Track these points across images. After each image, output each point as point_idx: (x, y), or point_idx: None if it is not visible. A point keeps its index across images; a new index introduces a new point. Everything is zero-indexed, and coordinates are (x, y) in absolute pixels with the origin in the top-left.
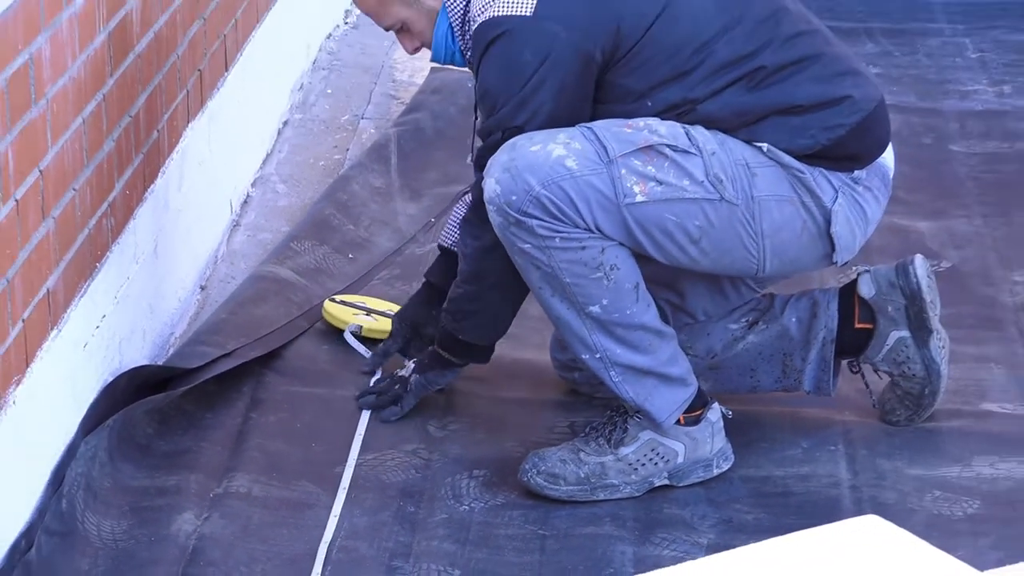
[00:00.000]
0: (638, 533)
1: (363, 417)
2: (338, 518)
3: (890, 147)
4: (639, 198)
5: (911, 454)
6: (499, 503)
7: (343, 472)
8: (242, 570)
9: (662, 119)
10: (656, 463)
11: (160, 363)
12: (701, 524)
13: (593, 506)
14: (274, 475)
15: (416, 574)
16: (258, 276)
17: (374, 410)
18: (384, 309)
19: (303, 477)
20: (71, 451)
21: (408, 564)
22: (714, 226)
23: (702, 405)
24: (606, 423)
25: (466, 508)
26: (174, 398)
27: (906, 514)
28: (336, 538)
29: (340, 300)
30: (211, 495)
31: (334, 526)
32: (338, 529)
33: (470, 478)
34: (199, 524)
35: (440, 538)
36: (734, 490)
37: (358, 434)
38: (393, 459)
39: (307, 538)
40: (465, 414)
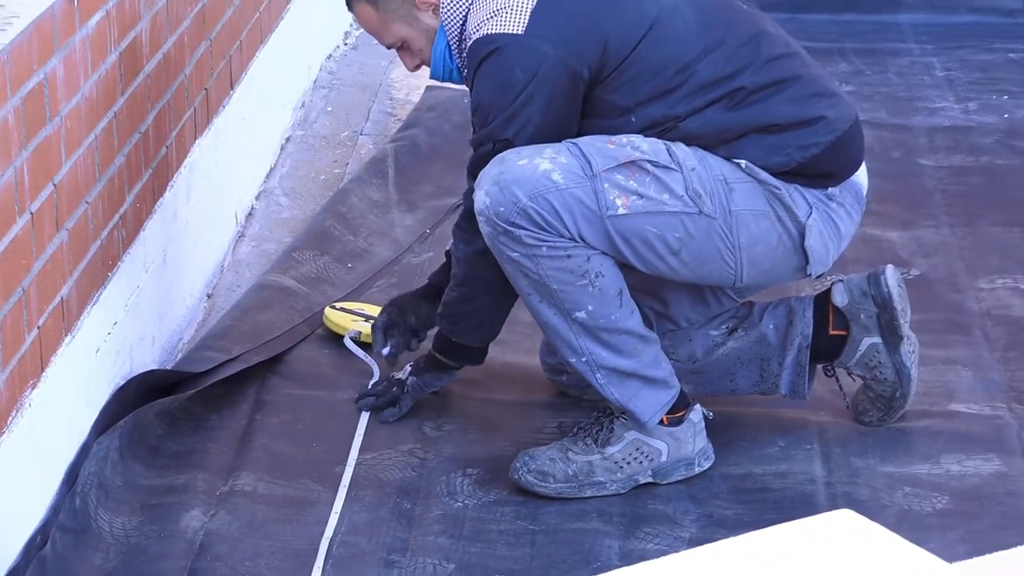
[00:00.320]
0: (624, 528)
1: (362, 418)
2: (338, 514)
3: (864, 165)
4: (621, 211)
5: (883, 452)
6: (491, 500)
7: (343, 471)
8: (247, 564)
9: (645, 135)
10: (641, 461)
11: (169, 368)
12: (684, 519)
13: (581, 502)
14: (277, 474)
15: (413, 568)
16: (262, 285)
17: (373, 412)
18: None
19: (305, 476)
20: (84, 451)
21: (405, 558)
22: (693, 238)
23: (684, 407)
24: (593, 423)
25: (460, 505)
26: (182, 401)
27: (878, 509)
28: (337, 533)
29: (340, 307)
30: (218, 493)
31: (335, 522)
32: (338, 525)
33: (464, 476)
34: (206, 520)
35: (435, 533)
36: (715, 487)
37: (357, 435)
38: (390, 458)
39: (309, 533)
40: (459, 415)
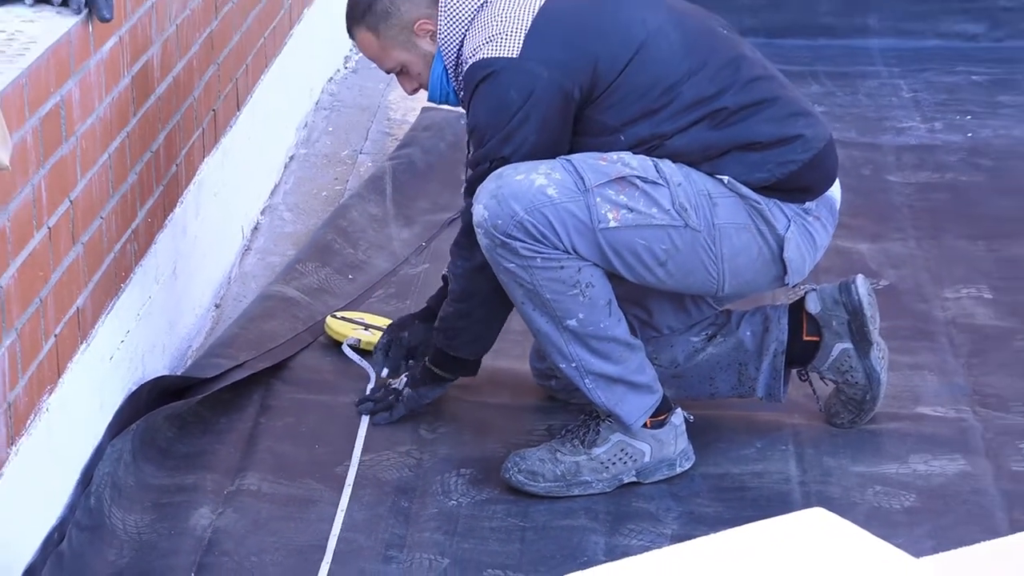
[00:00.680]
0: (609, 525)
1: (362, 421)
2: (339, 512)
3: (837, 181)
4: (612, 224)
5: (854, 453)
6: (484, 498)
7: (344, 471)
8: (253, 560)
9: (634, 153)
10: (625, 462)
11: (179, 373)
12: (666, 517)
13: (569, 501)
14: (282, 474)
15: (410, 563)
16: (267, 295)
17: (371, 415)
18: (380, 324)
19: (308, 476)
20: (99, 453)
21: (402, 554)
22: (679, 250)
23: (666, 410)
24: (580, 426)
25: (454, 503)
26: (191, 405)
27: (849, 507)
28: (338, 531)
29: (341, 316)
30: (225, 492)
31: (336, 520)
32: (339, 522)
33: (458, 476)
34: (214, 518)
35: (431, 530)
36: (695, 486)
37: (357, 437)
38: (389, 459)
39: (312, 531)
40: (453, 418)
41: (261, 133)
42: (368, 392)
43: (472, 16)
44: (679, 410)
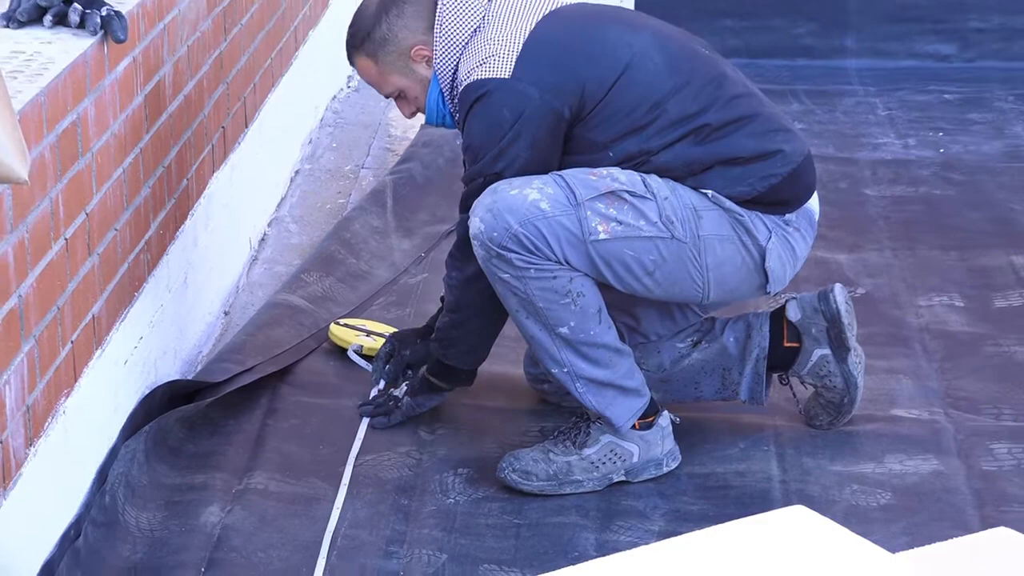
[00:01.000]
0: (599, 522)
1: (363, 423)
2: (342, 510)
3: (816, 193)
4: (602, 236)
5: (832, 453)
6: (480, 497)
7: (346, 470)
8: (260, 555)
9: (622, 168)
10: (615, 462)
11: (190, 378)
12: (653, 514)
13: (561, 499)
14: (287, 473)
15: (409, 558)
16: (274, 303)
17: (370, 418)
18: (382, 331)
19: (312, 475)
20: (113, 453)
21: (402, 549)
22: (666, 260)
23: (654, 412)
24: (572, 428)
25: (452, 501)
26: (201, 408)
27: (828, 504)
28: (341, 527)
29: (344, 323)
30: (233, 491)
31: (339, 517)
32: (342, 519)
33: (455, 475)
34: (223, 516)
35: (430, 527)
36: (681, 485)
37: (359, 438)
38: (389, 459)
39: (316, 527)
40: (451, 420)
41: (268, 149)
42: (371, 396)
43: (466, 41)
44: (666, 412)
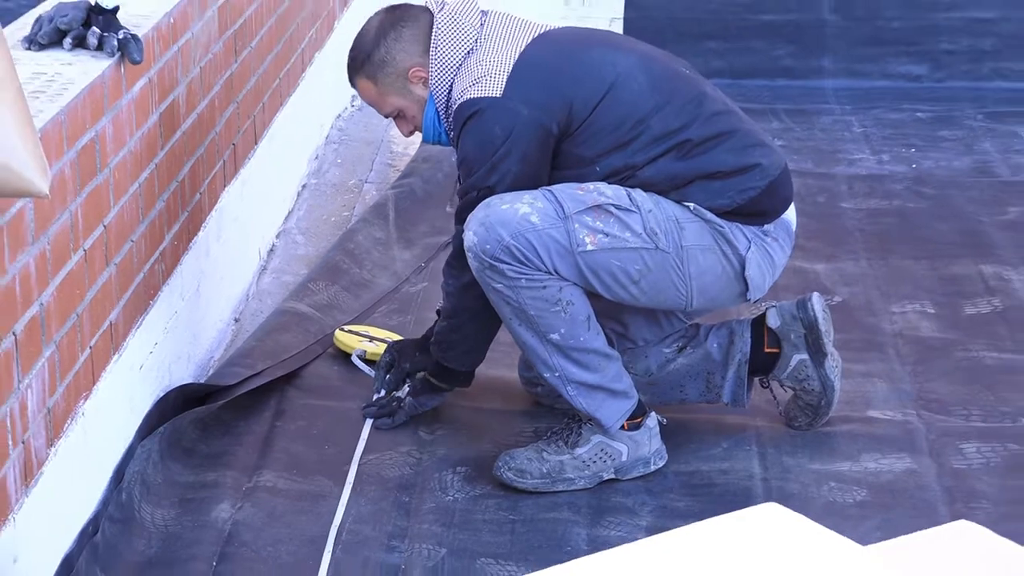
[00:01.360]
0: (590, 518)
1: (367, 424)
2: (347, 506)
3: (792, 205)
4: (589, 247)
5: (811, 452)
6: (477, 494)
7: (351, 469)
8: (269, 549)
9: (608, 183)
10: (605, 461)
11: (202, 381)
12: (641, 510)
13: (554, 496)
14: (295, 472)
15: (410, 552)
16: (281, 310)
17: (374, 419)
18: (384, 336)
19: (318, 473)
20: (130, 453)
21: (404, 544)
22: (650, 270)
23: (641, 414)
24: (564, 428)
25: (450, 498)
26: (213, 410)
27: (807, 501)
28: (345, 523)
29: (348, 329)
30: (244, 488)
31: (343, 513)
32: (346, 515)
33: (454, 474)
34: (234, 512)
35: (429, 522)
36: (668, 482)
37: (363, 438)
38: (391, 458)
39: (322, 523)
40: (450, 421)
41: (276, 165)
42: (374, 399)
43: (460, 63)
44: (653, 414)
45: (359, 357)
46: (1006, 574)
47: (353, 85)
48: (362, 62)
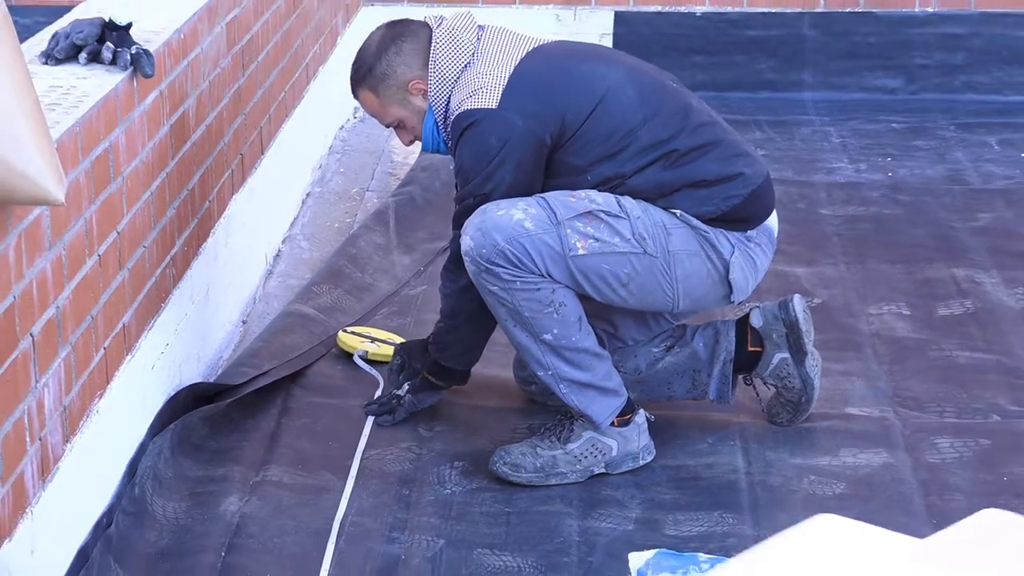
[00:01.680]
0: (582, 510)
1: (368, 422)
2: (349, 500)
3: (775, 212)
4: (581, 251)
5: (792, 447)
6: (474, 487)
7: (353, 464)
8: (275, 540)
9: (599, 191)
10: (595, 456)
11: (211, 381)
12: (630, 503)
13: (547, 489)
14: (300, 467)
15: (410, 543)
16: (287, 313)
17: (376, 416)
18: (385, 338)
19: (322, 468)
20: (142, 449)
21: (404, 535)
22: (639, 273)
23: (631, 411)
24: (557, 425)
25: (449, 491)
26: (222, 407)
27: (788, 494)
28: (348, 515)
29: (351, 331)
30: (251, 483)
31: (346, 506)
32: (349, 508)
33: (452, 468)
34: (242, 505)
35: (428, 515)
36: (656, 476)
37: (365, 434)
38: (392, 454)
39: (325, 515)
40: (448, 418)
41: (282, 174)
42: (376, 397)
43: (457, 76)
44: (642, 411)
45: (361, 357)
46: None
47: (356, 97)
48: (364, 75)
